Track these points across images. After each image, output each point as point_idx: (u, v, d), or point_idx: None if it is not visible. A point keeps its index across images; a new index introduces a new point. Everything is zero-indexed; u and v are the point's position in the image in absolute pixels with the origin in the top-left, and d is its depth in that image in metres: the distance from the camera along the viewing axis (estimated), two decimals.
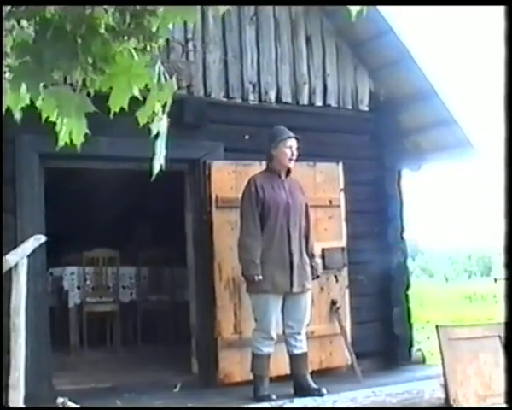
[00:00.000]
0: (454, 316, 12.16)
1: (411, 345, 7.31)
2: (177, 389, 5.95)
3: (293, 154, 5.66)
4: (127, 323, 8.33)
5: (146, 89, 2.58)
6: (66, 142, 2.64)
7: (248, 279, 5.53)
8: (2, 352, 4.32)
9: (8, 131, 4.53)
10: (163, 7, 2.51)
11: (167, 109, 2.67)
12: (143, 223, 9.42)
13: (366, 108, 7.29)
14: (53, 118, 2.59)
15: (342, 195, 6.65)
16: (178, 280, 7.99)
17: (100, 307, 7.98)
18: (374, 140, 7.26)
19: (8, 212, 5.52)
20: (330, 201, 6.54)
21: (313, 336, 6.10)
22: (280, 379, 5.72)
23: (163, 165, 2.71)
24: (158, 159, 2.70)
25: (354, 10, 2.64)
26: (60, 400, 4.74)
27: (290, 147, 5.65)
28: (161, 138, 2.70)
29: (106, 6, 2.48)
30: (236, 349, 6.00)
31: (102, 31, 2.48)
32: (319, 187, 6.49)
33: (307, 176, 6.32)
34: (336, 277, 6.52)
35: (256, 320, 5.60)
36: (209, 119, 6.32)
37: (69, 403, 4.71)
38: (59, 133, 2.63)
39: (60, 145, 2.65)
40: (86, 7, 2.43)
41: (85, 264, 7.88)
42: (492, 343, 5.49)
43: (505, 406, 5.00)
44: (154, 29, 2.55)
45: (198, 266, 6.32)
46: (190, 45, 6.35)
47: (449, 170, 10.44)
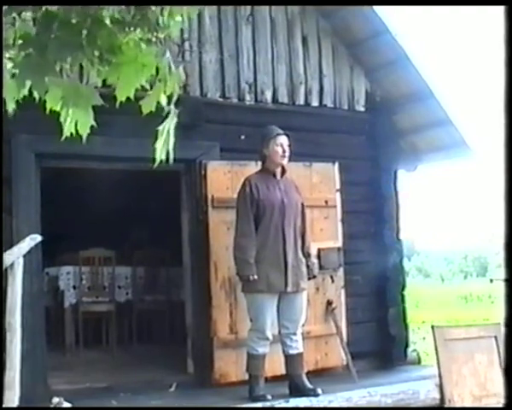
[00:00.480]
0: (450, 316, 12.19)
1: (407, 345, 7.31)
2: (173, 389, 5.95)
3: (284, 151, 5.63)
4: (123, 323, 8.32)
5: (151, 80, 2.55)
6: (71, 132, 2.60)
7: (243, 279, 5.52)
8: (2, 351, 4.30)
9: (4, 130, 4.55)
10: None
11: (174, 99, 2.62)
12: (139, 223, 9.42)
13: (362, 109, 7.29)
14: (57, 108, 2.56)
15: (338, 195, 6.66)
16: (174, 280, 7.99)
17: (95, 307, 7.96)
18: (370, 140, 7.26)
19: (4, 211, 5.50)
20: (326, 201, 6.55)
21: (309, 336, 6.10)
22: (275, 379, 5.72)
23: (170, 153, 2.63)
24: (164, 145, 2.62)
25: None
26: (55, 399, 4.72)
27: (281, 144, 5.62)
28: (168, 126, 2.62)
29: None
30: (232, 349, 6.00)
31: (108, 22, 2.47)
32: (315, 187, 6.49)
33: (303, 176, 6.32)
34: (332, 277, 6.52)
35: (251, 320, 5.60)
36: (205, 119, 6.31)
37: (64, 403, 4.70)
38: (63, 124, 2.60)
39: (64, 136, 2.62)
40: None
41: (81, 264, 7.86)
42: (488, 344, 5.50)
43: (501, 406, 5.00)
44: (160, 21, 2.54)
45: (194, 266, 6.32)
46: (186, 45, 6.34)
47: (445, 170, 10.44)
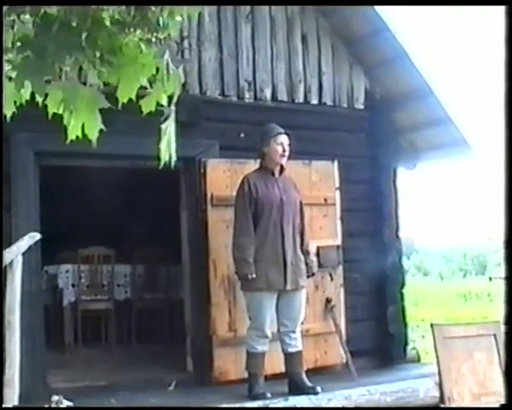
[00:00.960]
0: (449, 314, 12.17)
1: (406, 343, 7.31)
2: (172, 388, 5.95)
3: (284, 150, 5.63)
4: (122, 321, 8.31)
5: (152, 80, 2.55)
6: (77, 136, 2.58)
7: (242, 278, 5.52)
8: (1, 349, 4.30)
9: (3, 129, 4.54)
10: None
11: (175, 99, 2.62)
12: (138, 221, 9.42)
13: (361, 107, 7.29)
14: (59, 111, 2.55)
15: (337, 193, 6.65)
16: (173, 278, 7.99)
17: (95, 305, 7.94)
18: (369, 138, 7.26)
19: (3, 209, 5.50)
20: (325, 199, 6.54)
21: (308, 334, 6.10)
22: (275, 377, 5.72)
23: (173, 154, 2.63)
24: (168, 146, 2.61)
25: None
26: (54, 398, 4.71)
27: (281, 143, 5.62)
28: (170, 128, 2.62)
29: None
30: (231, 347, 6.00)
31: (108, 23, 2.47)
32: (314, 185, 6.49)
33: (302, 174, 6.32)
34: (331, 275, 6.52)
35: (250, 318, 5.60)
36: (204, 117, 6.31)
37: (64, 401, 4.70)
38: (67, 128, 2.58)
39: (68, 140, 2.60)
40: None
41: (80, 262, 7.84)
42: (487, 342, 5.51)
43: (499, 405, 5.00)
44: (161, 21, 2.53)
45: (193, 265, 6.31)
46: (186, 43, 6.34)
47: (444, 169, 10.44)
